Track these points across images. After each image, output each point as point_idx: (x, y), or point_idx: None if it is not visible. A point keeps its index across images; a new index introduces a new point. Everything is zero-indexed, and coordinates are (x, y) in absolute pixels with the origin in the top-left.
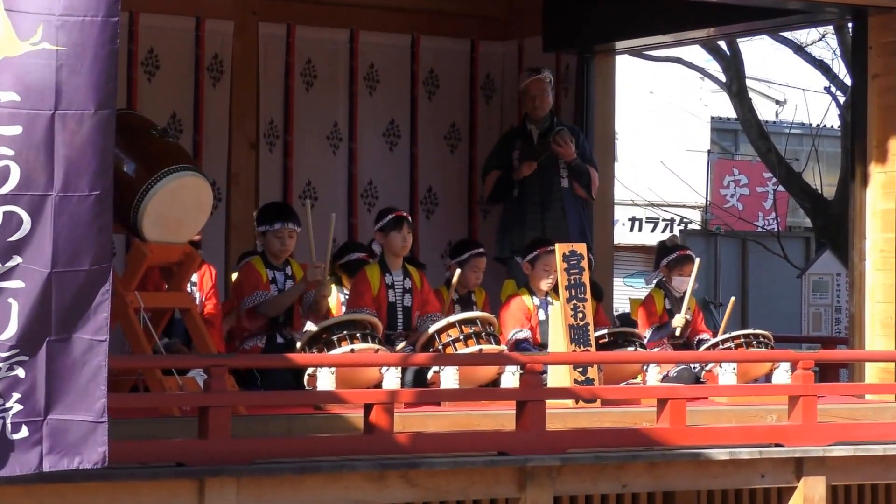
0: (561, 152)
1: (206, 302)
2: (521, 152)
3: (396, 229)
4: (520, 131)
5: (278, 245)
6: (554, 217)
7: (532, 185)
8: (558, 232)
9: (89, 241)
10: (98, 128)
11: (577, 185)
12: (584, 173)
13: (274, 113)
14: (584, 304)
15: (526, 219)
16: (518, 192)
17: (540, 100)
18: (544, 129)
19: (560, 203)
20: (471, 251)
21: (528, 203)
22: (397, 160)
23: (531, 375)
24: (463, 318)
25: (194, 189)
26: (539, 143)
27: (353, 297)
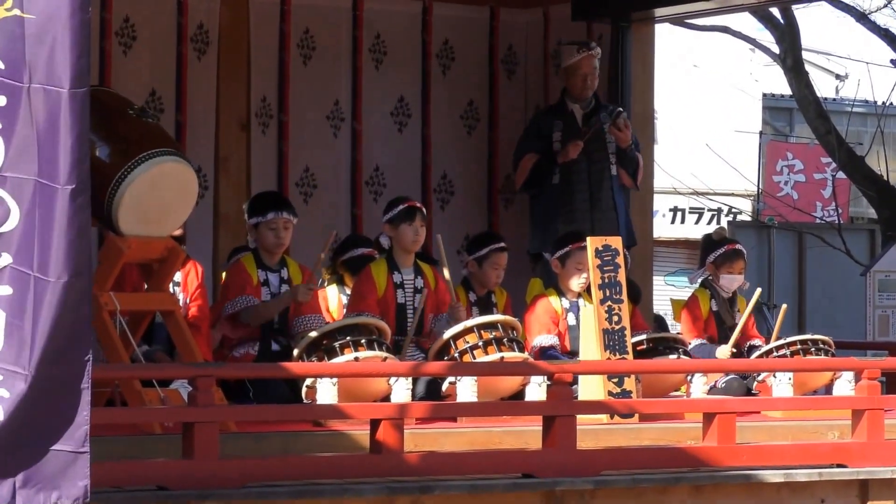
0: (619, 137)
1: (192, 304)
2: (564, 133)
3: (408, 221)
4: (559, 110)
5: (272, 238)
6: (604, 208)
7: (579, 172)
8: (607, 225)
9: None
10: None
11: (623, 172)
12: (634, 160)
13: (267, 90)
14: (619, 305)
15: (574, 209)
16: (560, 178)
17: (591, 78)
18: (589, 108)
19: (610, 192)
20: (491, 246)
21: (576, 192)
22: (407, 143)
23: (560, 387)
24: (482, 321)
25: (177, 176)
26: (585, 124)
27: (356, 298)
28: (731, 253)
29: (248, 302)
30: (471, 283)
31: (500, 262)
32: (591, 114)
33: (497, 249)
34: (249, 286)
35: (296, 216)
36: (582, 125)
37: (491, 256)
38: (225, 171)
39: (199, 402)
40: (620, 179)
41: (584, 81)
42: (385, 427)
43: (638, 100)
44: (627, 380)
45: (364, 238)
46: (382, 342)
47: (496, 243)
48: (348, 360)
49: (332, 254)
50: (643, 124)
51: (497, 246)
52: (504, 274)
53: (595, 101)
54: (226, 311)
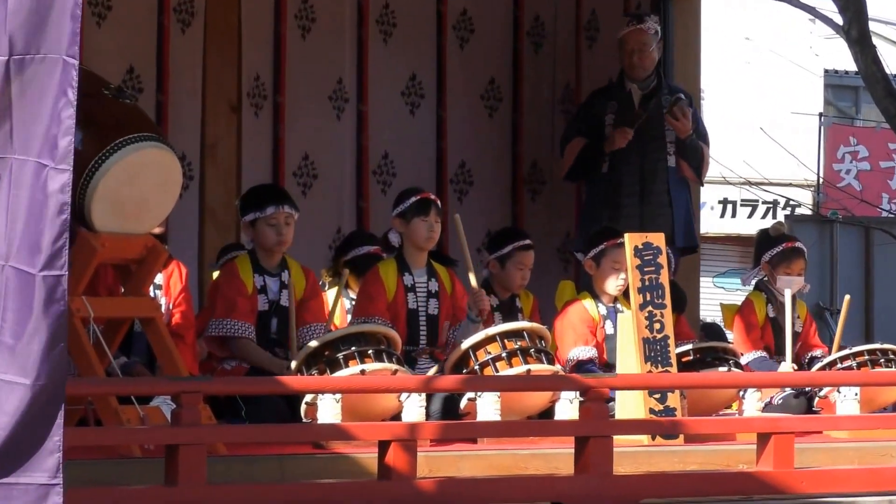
0: (677, 127)
1: (175, 310)
2: (617, 116)
3: (421, 215)
4: (617, 90)
5: (273, 236)
6: (657, 203)
7: (630, 161)
8: (660, 222)
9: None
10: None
11: (684, 164)
12: (697, 151)
13: (260, 67)
14: (662, 311)
15: (621, 203)
16: (609, 167)
17: (640, 56)
18: (649, 89)
19: (665, 186)
20: (514, 243)
21: (624, 184)
22: (420, 127)
23: (594, 404)
24: (506, 329)
25: (158, 164)
26: (642, 107)
27: (362, 302)
28: (789, 251)
29: (235, 330)
30: (492, 286)
31: (525, 262)
32: (651, 96)
33: (522, 247)
34: (242, 294)
35: (298, 210)
36: (639, 107)
37: (515, 255)
38: (212, 159)
39: (183, 422)
40: (680, 172)
41: (630, 58)
42: (395, 449)
43: (681, 77)
44: (671, 395)
45: (370, 235)
46: (392, 353)
47: (520, 240)
48: (353, 373)
49: (333, 252)
50: None
51: (522, 243)
52: (530, 275)
53: (657, 81)
54: (209, 330)
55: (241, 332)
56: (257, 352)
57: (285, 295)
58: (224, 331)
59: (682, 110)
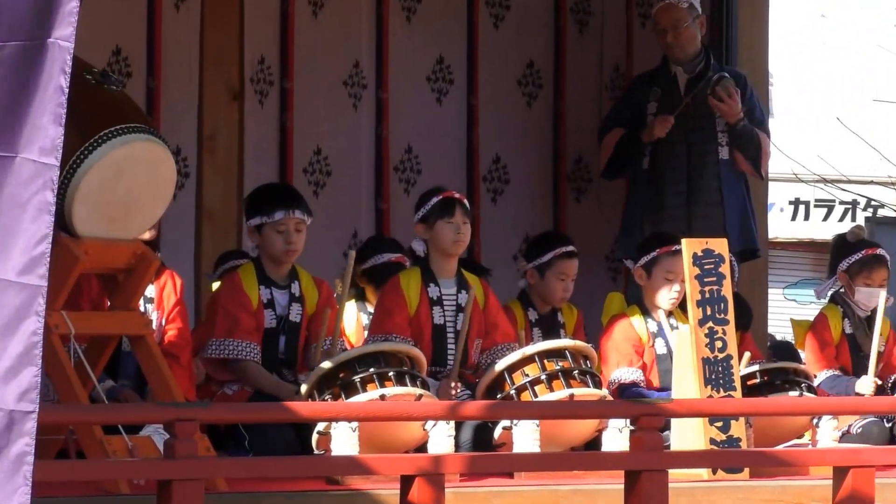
0: (723, 110)
1: (168, 326)
2: (660, 104)
3: (446, 217)
4: (661, 74)
5: (282, 244)
6: (706, 202)
7: (674, 154)
8: (711, 224)
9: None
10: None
11: (739, 156)
12: (753, 140)
13: (266, 48)
14: (724, 327)
15: (665, 203)
16: (651, 162)
17: (675, 34)
18: (695, 72)
19: (717, 182)
20: (555, 249)
21: (669, 181)
22: (448, 117)
23: (646, 433)
24: (545, 348)
25: (148, 160)
26: (691, 95)
27: (381, 317)
28: (869, 259)
29: (238, 351)
30: (530, 298)
31: (567, 271)
32: (698, 79)
33: (564, 255)
34: (246, 312)
35: (311, 215)
36: (685, 94)
37: (556, 264)
38: (211, 154)
39: (178, 454)
40: (736, 165)
41: (664, 38)
42: (420, 485)
43: (746, 60)
44: (735, 424)
45: (391, 241)
46: (416, 375)
47: (562, 246)
48: (372, 398)
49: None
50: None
51: (564, 250)
52: (574, 286)
53: (704, 63)
54: (208, 351)
55: (245, 354)
56: (263, 376)
57: (295, 309)
58: (225, 352)
59: (726, 90)
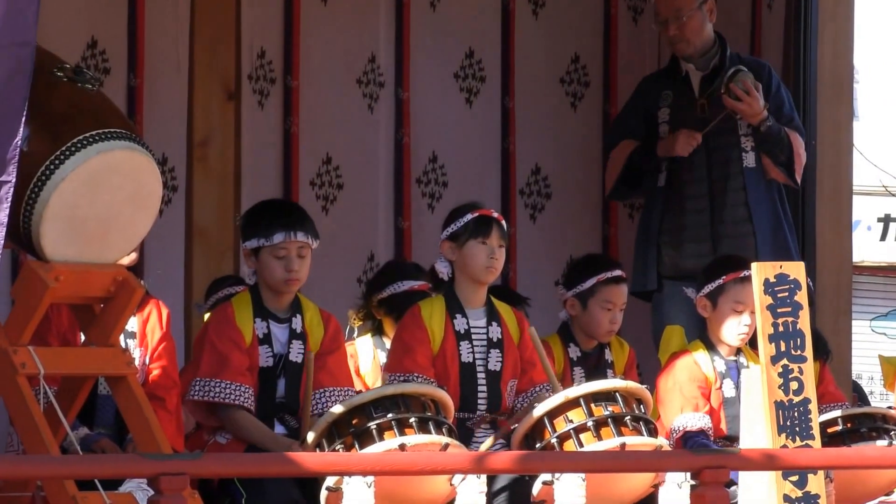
0: (742, 110)
1: (153, 365)
2: (672, 110)
3: (480, 237)
4: (671, 74)
5: (281, 272)
6: (733, 220)
7: (693, 165)
8: (740, 244)
9: None
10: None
11: (768, 162)
12: (782, 141)
13: (267, 41)
14: (801, 366)
15: (685, 224)
16: (667, 178)
17: (677, 27)
18: (709, 69)
19: (742, 195)
20: (599, 275)
21: (688, 196)
22: (480, 120)
23: (711, 489)
24: (592, 390)
25: (130, 170)
26: (706, 96)
27: (399, 354)
28: None
29: (226, 395)
30: (571, 332)
31: (614, 300)
32: (713, 77)
33: (610, 280)
34: (237, 349)
35: (317, 238)
36: (699, 94)
37: (600, 291)
38: (203, 163)
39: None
40: (766, 174)
41: (666, 31)
42: None
43: (828, 56)
44: (813, 478)
45: (412, 265)
46: (441, 421)
47: (607, 271)
48: (390, 448)
49: (364, 287)
50: (837, 92)
51: (610, 275)
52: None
53: (719, 58)
54: (192, 392)
55: (234, 398)
56: (254, 426)
57: (296, 347)
58: (211, 394)
59: (743, 86)
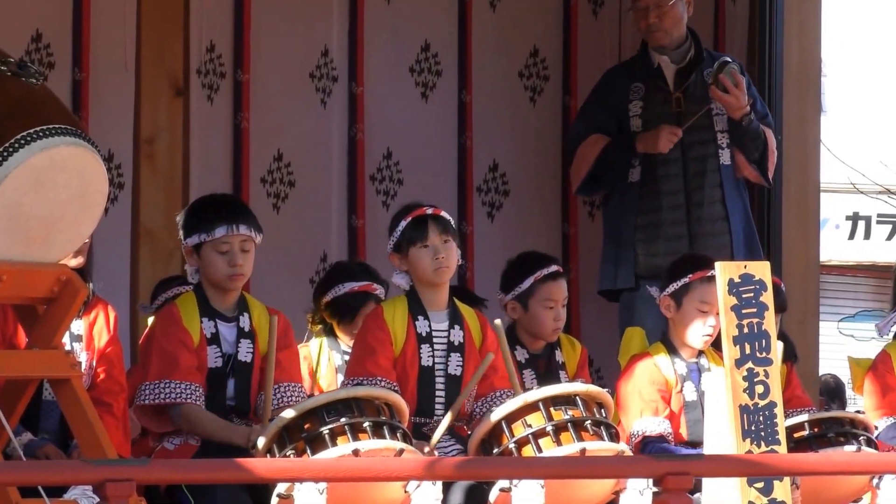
0: (728, 102)
1: (100, 369)
2: (645, 104)
3: (419, 242)
4: (641, 66)
5: (225, 267)
6: (710, 218)
7: (668, 162)
8: (716, 243)
9: None
10: None
11: (742, 160)
12: (759, 138)
13: (216, 34)
14: (766, 368)
15: (661, 221)
16: (641, 173)
17: (657, 15)
18: (684, 62)
19: (719, 192)
20: (534, 273)
21: (663, 193)
22: (436, 116)
23: (673, 496)
24: (551, 394)
25: (74, 168)
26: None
27: (362, 356)
28: None
29: (176, 395)
30: (517, 335)
31: (555, 296)
32: (689, 70)
33: (547, 277)
34: (185, 349)
35: (260, 231)
36: (674, 88)
37: (538, 289)
38: (150, 161)
39: None
40: (738, 171)
41: (645, 20)
42: None
43: (794, 49)
44: (779, 484)
45: (358, 266)
46: (396, 426)
47: (544, 267)
48: (343, 453)
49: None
50: (803, 86)
51: (547, 272)
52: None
53: (694, 50)
54: (140, 397)
55: (185, 397)
56: (209, 419)
57: (245, 346)
58: (161, 397)
59: (732, 77)
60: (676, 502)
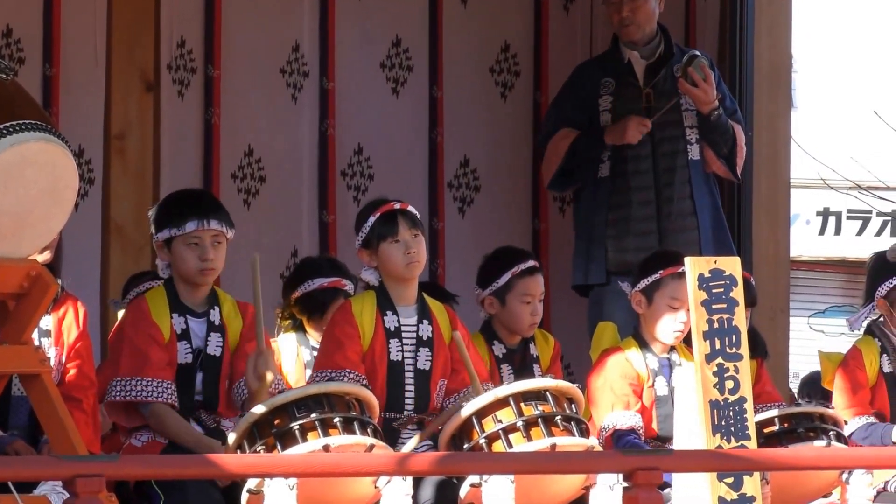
0: (697, 96)
1: (69, 364)
2: (615, 98)
3: (390, 237)
4: (611, 61)
5: (194, 261)
6: (679, 213)
7: (639, 157)
8: (685, 239)
9: None
10: None
11: (711, 155)
12: (728, 133)
13: (187, 29)
14: (737, 363)
15: (630, 217)
16: (611, 168)
17: (631, 9)
18: (654, 57)
19: (688, 188)
20: (511, 269)
21: (633, 188)
22: (407, 111)
23: (644, 491)
24: (522, 389)
25: (45, 163)
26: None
27: (330, 349)
28: None
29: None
30: (494, 330)
31: (533, 291)
32: (659, 66)
33: (525, 272)
34: (156, 345)
35: (232, 227)
36: (644, 83)
37: (515, 285)
38: (120, 156)
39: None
40: (707, 166)
41: (618, 14)
42: None
43: (765, 45)
44: (748, 479)
45: (326, 261)
46: (366, 422)
47: (521, 262)
48: (313, 449)
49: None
50: (774, 81)
51: (523, 267)
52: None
53: (664, 46)
54: (111, 393)
55: (156, 396)
56: (179, 424)
57: (214, 340)
58: (132, 394)
59: (701, 71)
60: (646, 497)
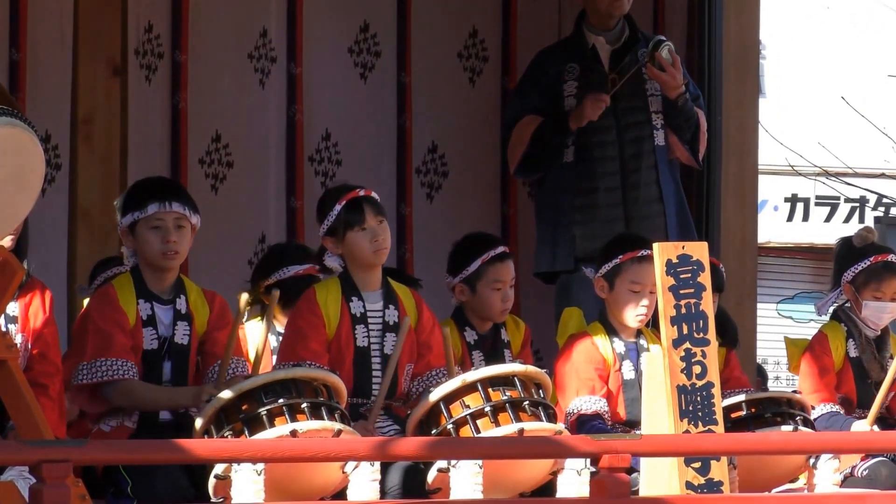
0: (664, 81)
1: (36, 350)
2: (581, 83)
3: (356, 226)
4: (575, 46)
5: (158, 243)
6: (646, 199)
7: (604, 143)
8: (652, 225)
9: None
10: None
11: (675, 140)
12: (692, 119)
13: (154, 14)
14: (704, 349)
15: (597, 203)
16: (575, 154)
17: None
18: (620, 43)
19: (654, 174)
20: (482, 256)
21: (598, 174)
22: (375, 97)
23: (610, 476)
24: (489, 374)
25: (11, 148)
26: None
27: (293, 340)
28: (879, 268)
29: (112, 372)
30: (466, 316)
31: (503, 277)
32: (624, 52)
33: (495, 258)
34: (120, 330)
35: (196, 211)
36: (610, 69)
37: (487, 271)
38: (87, 141)
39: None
40: (671, 152)
41: None
42: None
43: (733, 30)
44: (716, 464)
45: (298, 248)
46: (334, 407)
47: (491, 249)
48: (281, 434)
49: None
50: (742, 68)
51: (494, 253)
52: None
53: (630, 32)
54: (77, 377)
55: (122, 374)
56: (150, 389)
57: (182, 329)
58: (98, 375)
59: (669, 55)
60: (614, 482)
